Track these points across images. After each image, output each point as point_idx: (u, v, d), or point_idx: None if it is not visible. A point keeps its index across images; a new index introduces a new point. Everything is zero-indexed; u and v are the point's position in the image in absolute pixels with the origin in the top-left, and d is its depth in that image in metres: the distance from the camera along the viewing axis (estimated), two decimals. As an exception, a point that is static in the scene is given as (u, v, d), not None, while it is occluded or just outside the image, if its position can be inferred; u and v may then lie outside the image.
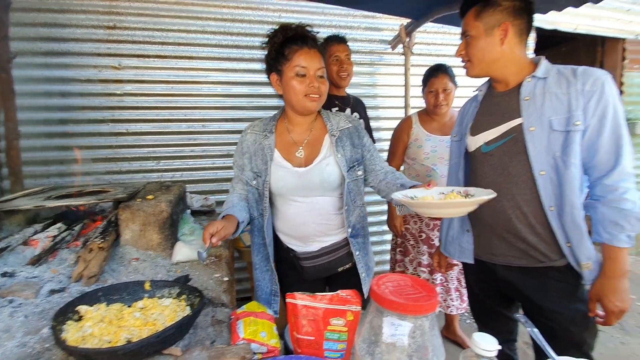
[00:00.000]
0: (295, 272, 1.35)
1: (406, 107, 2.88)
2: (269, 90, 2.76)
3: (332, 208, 1.28)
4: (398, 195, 1.04)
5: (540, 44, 3.49)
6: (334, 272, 1.35)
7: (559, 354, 1.16)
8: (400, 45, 2.80)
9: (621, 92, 3.77)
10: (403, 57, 2.84)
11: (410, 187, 1.16)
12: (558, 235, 1.11)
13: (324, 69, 1.22)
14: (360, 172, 1.30)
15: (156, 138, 2.65)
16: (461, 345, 2.32)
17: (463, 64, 1.24)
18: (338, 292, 0.71)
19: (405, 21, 2.72)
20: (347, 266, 1.35)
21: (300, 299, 0.71)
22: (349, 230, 1.30)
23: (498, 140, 1.20)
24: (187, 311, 0.89)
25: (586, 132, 1.06)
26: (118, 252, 1.35)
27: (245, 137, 1.31)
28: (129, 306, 0.94)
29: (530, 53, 3.35)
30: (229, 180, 2.79)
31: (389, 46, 3.00)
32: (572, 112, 1.06)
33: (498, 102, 1.23)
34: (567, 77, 1.10)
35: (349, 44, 2.06)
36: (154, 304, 0.92)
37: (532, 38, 3.36)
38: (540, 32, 3.33)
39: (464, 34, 1.21)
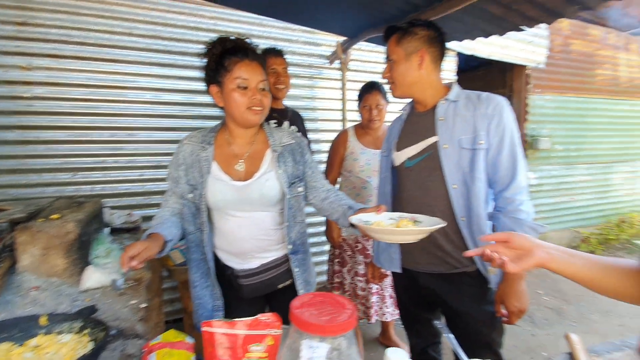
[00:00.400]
0: (234, 291, 1.30)
1: (343, 120, 2.98)
2: (205, 98, 2.67)
3: (272, 223, 1.26)
4: (355, 219, 1.08)
5: (463, 67, 3.88)
6: (274, 289, 1.31)
7: (473, 353, 1.27)
8: (338, 61, 2.91)
9: (526, 113, 4.32)
10: (340, 72, 2.94)
11: (358, 210, 1.17)
12: (468, 242, 1.23)
13: (266, 81, 1.20)
14: (301, 189, 1.30)
15: (73, 147, 2.38)
16: (396, 350, 2.42)
17: (389, 85, 1.33)
18: (258, 316, 0.69)
19: (341, 38, 2.83)
20: (287, 283, 1.32)
21: (217, 327, 0.67)
22: (289, 247, 1.28)
23: (418, 156, 1.30)
24: (89, 348, 0.79)
25: (489, 150, 1.20)
26: (14, 281, 1.17)
27: (182, 148, 1.24)
28: (20, 345, 0.81)
29: (453, 75, 3.72)
30: (159, 193, 2.61)
31: (327, 61, 3.09)
32: (477, 132, 1.20)
33: (418, 121, 1.34)
34: (473, 102, 1.24)
35: (288, 57, 2.08)
36: (50, 341, 0.81)
37: (454, 62, 3.72)
38: (463, 56, 3.70)
39: (387, 58, 1.30)
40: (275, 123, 1.97)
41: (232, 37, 1.20)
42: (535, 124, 4.37)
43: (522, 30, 1.97)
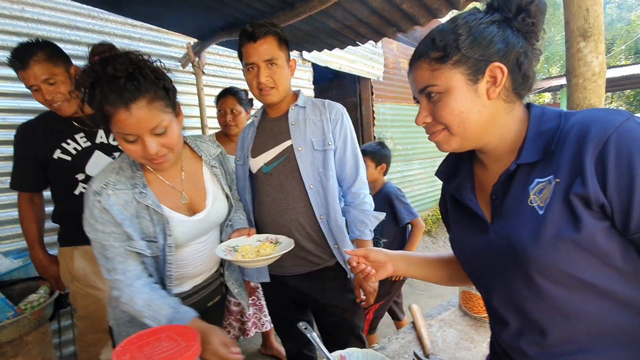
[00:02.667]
0: None
1: (203, 127, 2.79)
2: (4, 102, 2.08)
3: (216, 242, 1.17)
4: (220, 252, 1.07)
5: (320, 78, 4.22)
6: (204, 308, 1.18)
7: (340, 340, 1.36)
8: (191, 64, 2.70)
9: (374, 119, 5.00)
10: (195, 76, 2.75)
11: (235, 231, 1.18)
12: (328, 238, 1.31)
13: (164, 119, 0.90)
14: (233, 199, 1.22)
15: None
16: (278, 357, 2.39)
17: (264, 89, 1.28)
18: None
19: (192, 40, 2.64)
20: (217, 299, 1.25)
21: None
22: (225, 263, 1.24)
23: (274, 160, 1.32)
24: None
25: (336, 151, 1.32)
26: None
27: (107, 202, 0.93)
28: None
29: (309, 84, 3.98)
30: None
31: (180, 64, 2.84)
32: (326, 135, 1.30)
33: (272, 126, 1.36)
34: (319, 107, 1.35)
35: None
36: None
37: (310, 72, 3.98)
38: (318, 68, 4.00)
39: (272, 59, 1.25)
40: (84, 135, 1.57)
41: (101, 57, 0.88)
42: (380, 128, 5.09)
43: (357, 45, 2.25)
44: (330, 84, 5.13)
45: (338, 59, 4.21)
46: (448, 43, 0.61)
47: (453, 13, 1.90)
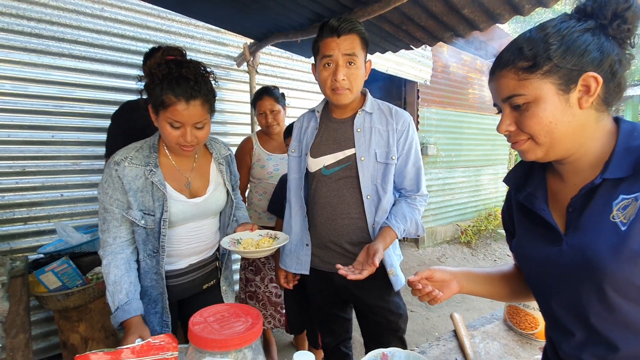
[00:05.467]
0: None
1: (252, 124, 2.91)
2: (87, 93, 2.33)
3: (214, 229, 1.33)
4: (225, 243, 1.21)
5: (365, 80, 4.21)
6: (199, 290, 1.33)
7: (382, 341, 1.37)
8: (245, 64, 2.83)
9: (418, 123, 4.91)
10: (248, 75, 2.88)
11: (239, 225, 1.31)
12: None
13: (207, 117, 1.12)
14: (234, 197, 1.36)
15: None
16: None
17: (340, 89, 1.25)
18: (149, 339, 0.61)
19: (249, 40, 2.77)
20: (212, 283, 1.37)
21: (96, 358, 0.56)
22: (222, 249, 1.36)
23: (335, 165, 1.32)
24: None
25: (397, 162, 1.30)
26: None
27: (123, 172, 1.10)
28: None
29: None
30: (24, 205, 2.15)
31: (235, 63, 2.99)
32: (390, 147, 1.29)
33: (336, 129, 1.34)
34: (386, 116, 1.32)
35: (191, 54, 1.93)
36: None
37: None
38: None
39: (353, 56, 1.21)
40: None
41: (177, 59, 1.09)
42: (424, 133, 4.99)
43: (411, 49, 2.23)
44: (374, 86, 5.11)
45: (385, 61, 4.18)
46: (538, 52, 0.59)
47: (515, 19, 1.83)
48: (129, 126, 1.72)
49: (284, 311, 2.16)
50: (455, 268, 0.89)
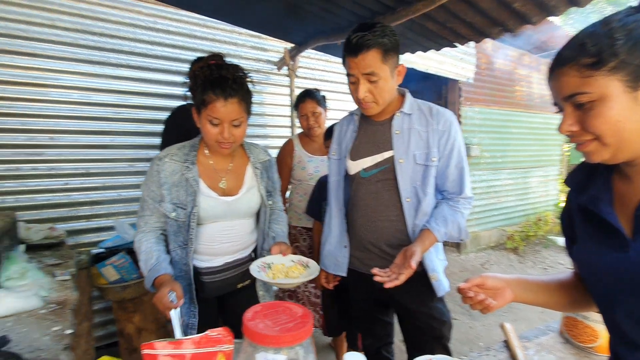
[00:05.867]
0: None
1: (292, 126, 2.97)
2: (141, 100, 2.51)
3: (249, 229, 1.35)
4: (255, 267, 1.18)
5: (404, 80, 4.12)
6: (233, 288, 1.35)
7: (425, 348, 1.34)
8: (286, 67, 2.90)
9: (460, 123, 4.72)
10: (288, 78, 2.94)
11: (274, 244, 1.30)
12: None
13: (243, 116, 1.19)
14: (271, 202, 1.38)
15: (-23, 152, 2.04)
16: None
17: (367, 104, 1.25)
18: (207, 332, 0.64)
19: (289, 45, 2.83)
20: (247, 282, 1.38)
21: (160, 348, 0.60)
22: (262, 253, 1.37)
23: (374, 168, 1.32)
24: (0, 388, 0.67)
25: (438, 163, 1.26)
26: None
27: (162, 167, 1.21)
28: None
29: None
30: (86, 204, 2.35)
31: (275, 67, 3.07)
32: (430, 148, 1.25)
33: (374, 131, 1.33)
34: (426, 116, 1.28)
35: (233, 60, 2.02)
36: (-56, 386, 0.67)
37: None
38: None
39: (372, 74, 1.17)
40: None
41: (220, 63, 1.19)
42: (467, 133, 4.78)
43: (455, 46, 2.15)
44: (413, 86, 4.99)
45: (425, 60, 4.06)
46: (603, 48, 0.56)
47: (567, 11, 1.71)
48: (180, 130, 1.83)
49: (322, 312, 2.18)
50: (509, 275, 0.85)
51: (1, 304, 1.01)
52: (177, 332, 0.91)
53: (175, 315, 0.96)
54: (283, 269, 1.22)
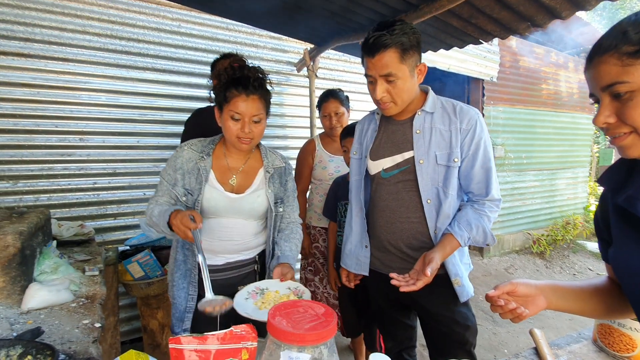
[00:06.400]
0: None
1: (312, 127, 2.97)
2: (166, 102, 2.58)
3: (252, 231, 1.35)
4: (244, 293, 1.13)
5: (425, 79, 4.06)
6: (234, 290, 1.28)
7: (448, 353, 1.30)
8: (305, 68, 2.91)
9: (482, 123, 4.60)
10: (308, 79, 2.95)
11: (277, 265, 1.25)
12: None
13: (263, 113, 1.25)
14: (281, 209, 1.39)
15: (14, 153, 2.15)
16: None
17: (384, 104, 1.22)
18: (231, 328, 0.64)
19: (309, 46, 2.84)
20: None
21: (186, 343, 0.61)
22: (268, 259, 1.38)
23: (394, 168, 1.29)
24: (35, 376, 0.70)
25: (462, 163, 1.22)
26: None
27: (181, 153, 1.30)
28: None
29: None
30: (114, 202, 2.43)
31: (295, 68, 3.09)
32: (453, 148, 1.21)
33: (395, 130, 1.31)
34: (449, 114, 1.24)
35: (254, 62, 2.05)
36: (-16, 372, 0.70)
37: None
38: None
39: (390, 75, 1.15)
40: None
41: (242, 64, 1.27)
42: (490, 134, 4.61)
43: (480, 43, 2.09)
44: (434, 85, 4.91)
45: (447, 59, 3.98)
46: None
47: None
48: (199, 131, 1.86)
49: (340, 314, 2.16)
50: (541, 282, 0.80)
51: (36, 297, 1.06)
52: (198, 251, 1.05)
53: (195, 234, 1.05)
54: (276, 297, 1.14)
